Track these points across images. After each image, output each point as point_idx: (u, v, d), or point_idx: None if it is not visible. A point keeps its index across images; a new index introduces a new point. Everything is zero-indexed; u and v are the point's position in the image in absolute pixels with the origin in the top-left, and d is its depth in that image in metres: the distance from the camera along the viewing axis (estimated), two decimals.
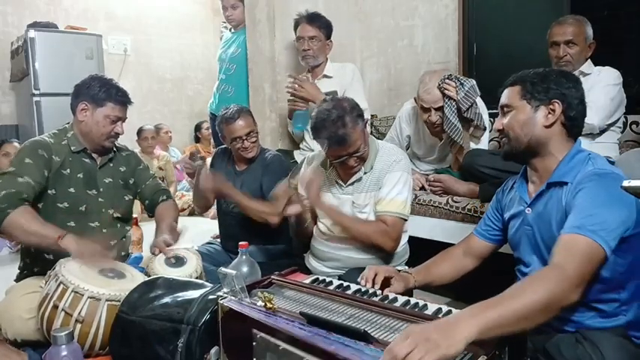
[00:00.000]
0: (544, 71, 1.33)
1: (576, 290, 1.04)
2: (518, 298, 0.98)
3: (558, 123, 1.28)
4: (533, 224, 1.33)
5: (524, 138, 1.30)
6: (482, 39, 3.06)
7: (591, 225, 1.10)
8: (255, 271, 1.53)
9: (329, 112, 1.68)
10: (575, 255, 1.07)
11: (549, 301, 1.00)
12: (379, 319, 1.12)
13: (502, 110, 1.37)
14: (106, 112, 1.83)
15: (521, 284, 1.04)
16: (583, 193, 1.18)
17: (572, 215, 1.16)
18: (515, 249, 1.42)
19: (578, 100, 1.29)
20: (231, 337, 1.19)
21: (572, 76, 1.33)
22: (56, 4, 4.92)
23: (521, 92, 1.32)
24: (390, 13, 3.39)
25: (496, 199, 1.53)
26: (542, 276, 1.05)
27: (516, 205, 1.40)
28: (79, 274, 1.48)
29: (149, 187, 2.06)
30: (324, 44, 2.68)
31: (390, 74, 3.47)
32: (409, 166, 1.87)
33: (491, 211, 1.54)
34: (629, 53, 2.57)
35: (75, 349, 1.17)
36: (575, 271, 1.04)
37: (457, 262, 1.55)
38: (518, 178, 1.43)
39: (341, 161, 1.75)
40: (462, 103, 2.08)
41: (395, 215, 1.76)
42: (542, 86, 1.29)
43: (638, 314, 1.23)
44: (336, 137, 1.67)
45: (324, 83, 2.68)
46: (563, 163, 1.28)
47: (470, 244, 1.56)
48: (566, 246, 1.11)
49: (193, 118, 5.80)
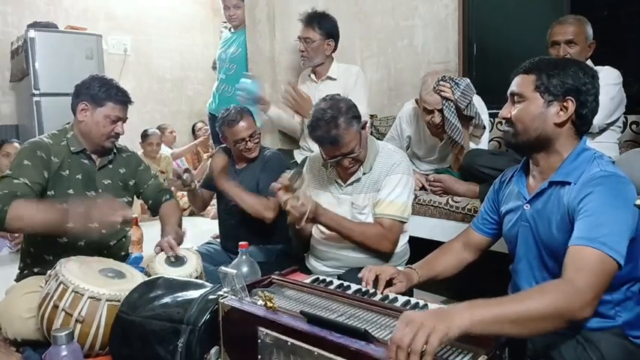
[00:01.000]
0: (562, 62, 1.25)
1: (591, 304, 1.01)
2: (520, 302, 0.97)
3: (569, 121, 1.23)
4: (530, 221, 1.30)
5: (533, 133, 1.24)
6: (482, 39, 3.06)
7: (601, 236, 1.06)
8: (255, 271, 1.53)
9: (324, 112, 1.69)
10: (586, 269, 1.04)
11: (554, 312, 0.97)
12: (379, 319, 1.12)
13: (512, 98, 1.29)
14: (106, 112, 1.83)
15: (529, 291, 1.03)
16: (590, 199, 1.14)
17: (581, 224, 1.12)
18: (511, 244, 1.40)
19: (593, 96, 1.22)
20: (233, 337, 1.19)
21: (589, 70, 1.24)
22: (56, 4, 4.92)
23: (535, 83, 1.23)
24: (390, 13, 3.39)
25: (493, 191, 1.50)
26: (551, 287, 1.03)
27: (514, 200, 1.37)
28: (79, 274, 1.48)
29: (151, 187, 2.07)
30: (320, 45, 2.63)
31: (390, 74, 3.47)
32: (410, 169, 1.87)
33: (488, 204, 1.51)
34: (629, 53, 2.57)
35: (75, 349, 1.17)
36: (586, 285, 1.01)
37: (457, 255, 1.54)
38: (517, 171, 1.39)
39: (335, 161, 1.76)
40: (460, 102, 2.08)
41: (393, 218, 1.76)
42: (558, 80, 1.21)
43: (633, 314, 1.22)
44: (329, 137, 1.67)
45: (328, 85, 2.65)
46: (567, 161, 1.24)
47: (468, 238, 1.55)
48: (576, 259, 1.07)
49: (193, 118, 5.80)
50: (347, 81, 2.66)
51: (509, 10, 2.96)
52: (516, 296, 1.00)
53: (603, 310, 1.21)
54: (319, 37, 2.62)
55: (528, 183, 1.35)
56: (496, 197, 1.48)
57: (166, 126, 5.25)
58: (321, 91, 2.59)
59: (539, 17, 2.77)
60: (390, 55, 3.43)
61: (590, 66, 1.28)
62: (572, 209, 1.18)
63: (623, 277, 1.19)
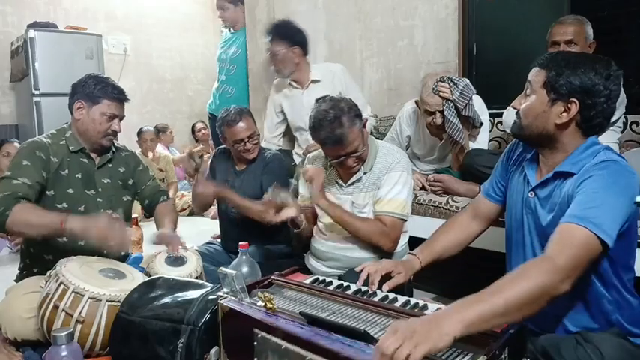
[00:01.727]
0: (577, 58, 1.20)
1: (566, 280, 1.02)
2: (506, 291, 0.96)
3: (572, 123, 1.20)
4: (533, 209, 1.29)
5: (535, 130, 1.24)
6: (482, 39, 3.05)
7: (594, 217, 1.06)
8: (255, 271, 1.53)
9: (326, 113, 1.69)
10: (571, 246, 1.04)
11: (538, 293, 0.98)
12: (379, 319, 1.12)
13: (525, 89, 1.27)
14: (102, 110, 1.83)
15: (510, 277, 1.01)
16: (589, 182, 1.13)
17: (576, 203, 1.12)
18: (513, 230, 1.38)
19: (605, 98, 1.17)
20: (232, 337, 1.19)
21: (604, 70, 1.17)
22: (56, 4, 4.92)
23: (544, 78, 1.20)
24: (390, 13, 3.39)
25: (506, 157, 1.46)
26: (531, 268, 1.02)
27: (522, 184, 1.35)
28: (80, 274, 1.48)
29: (149, 188, 2.07)
30: (286, 55, 2.62)
31: (390, 74, 3.47)
32: (409, 167, 1.87)
33: (500, 170, 1.47)
34: (629, 53, 2.57)
35: (75, 349, 1.17)
36: (566, 261, 1.02)
37: (465, 228, 1.51)
38: (531, 155, 1.34)
39: (340, 162, 1.76)
40: (458, 102, 2.08)
41: (393, 216, 1.76)
42: (566, 78, 1.17)
43: (632, 314, 1.22)
44: (334, 137, 1.68)
45: (315, 89, 2.64)
46: (574, 154, 1.22)
47: (479, 207, 1.52)
48: (563, 236, 1.07)
49: (193, 118, 5.80)
50: (333, 80, 2.67)
51: (509, 10, 2.95)
52: (501, 285, 0.98)
53: (602, 310, 1.21)
54: (283, 48, 2.61)
55: (537, 170, 1.32)
56: (508, 163, 1.45)
57: (165, 126, 5.27)
58: (309, 95, 2.59)
59: (540, 17, 2.76)
60: (390, 55, 3.43)
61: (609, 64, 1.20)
62: (570, 196, 1.17)
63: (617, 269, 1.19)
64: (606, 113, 1.20)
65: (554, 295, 1.01)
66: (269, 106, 2.88)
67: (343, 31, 2.77)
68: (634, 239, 1.23)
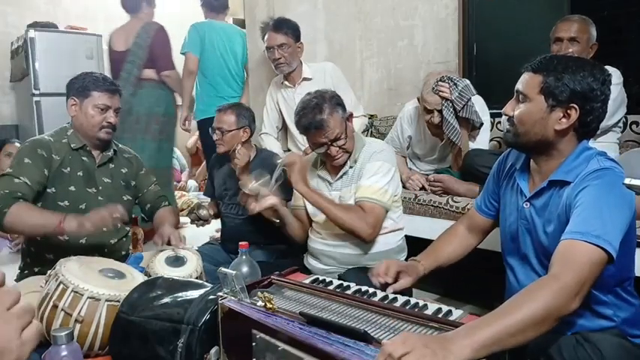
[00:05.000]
0: (574, 63, 1.19)
1: (575, 299, 1.00)
2: (514, 313, 0.95)
3: (571, 128, 1.20)
4: (529, 219, 1.29)
5: (534, 137, 1.22)
6: (482, 39, 3.05)
7: (595, 230, 1.05)
8: (255, 271, 1.53)
9: (309, 101, 1.76)
10: (575, 263, 1.03)
11: (547, 314, 0.96)
12: (379, 319, 1.12)
13: (517, 96, 1.26)
14: (93, 102, 1.85)
15: (518, 298, 1.00)
16: (586, 193, 1.13)
17: (575, 217, 1.11)
18: (507, 240, 1.38)
19: (600, 103, 1.17)
20: (231, 337, 1.19)
21: (601, 75, 1.18)
22: (56, 4, 4.92)
23: (541, 85, 1.19)
24: (390, 13, 3.39)
25: (496, 171, 1.46)
26: (538, 288, 1.00)
27: (515, 195, 1.34)
28: (79, 273, 1.48)
29: (151, 192, 2.09)
30: (294, 49, 2.66)
31: (390, 74, 3.47)
32: (393, 158, 1.88)
33: (491, 185, 1.48)
34: (629, 53, 2.57)
35: (75, 349, 1.16)
36: (573, 279, 1.00)
37: (462, 240, 1.54)
38: (521, 163, 1.34)
39: (324, 152, 1.78)
40: (456, 103, 2.09)
41: (371, 201, 1.76)
42: (565, 84, 1.16)
43: (632, 314, 1.23)
44: (315, 122, 1.72)
45: (305, 87, 2.64)
46: (567, 161, 1.22)
47: (472, 221, 1.53)
48: (566, 254, 1.06)
49: None
50: (325, 78, 2.68)
51: (509, 10, 2.96)
52: (510, 307, 0.97)
53: (602, 311, 1.21)
54: (292, 41, 2.64)
55: (530, 179, 1.32)
56: (499, 177, 1.45)
57: None
58: (300, 94, 2.58)
59: (540, 17, 2.77)
60: (390, 55, 3.43)
61: (604, 69, 1.20)
62: (569, 206, 1.17)
63: (616, 276, 1.19)
64: (601, 117, 1.21)
65: (565, 315, 1.00)
66: (268, 101, 2.90)
67: (343, 31, 2.77)
68: (633, 242, 1.22)
